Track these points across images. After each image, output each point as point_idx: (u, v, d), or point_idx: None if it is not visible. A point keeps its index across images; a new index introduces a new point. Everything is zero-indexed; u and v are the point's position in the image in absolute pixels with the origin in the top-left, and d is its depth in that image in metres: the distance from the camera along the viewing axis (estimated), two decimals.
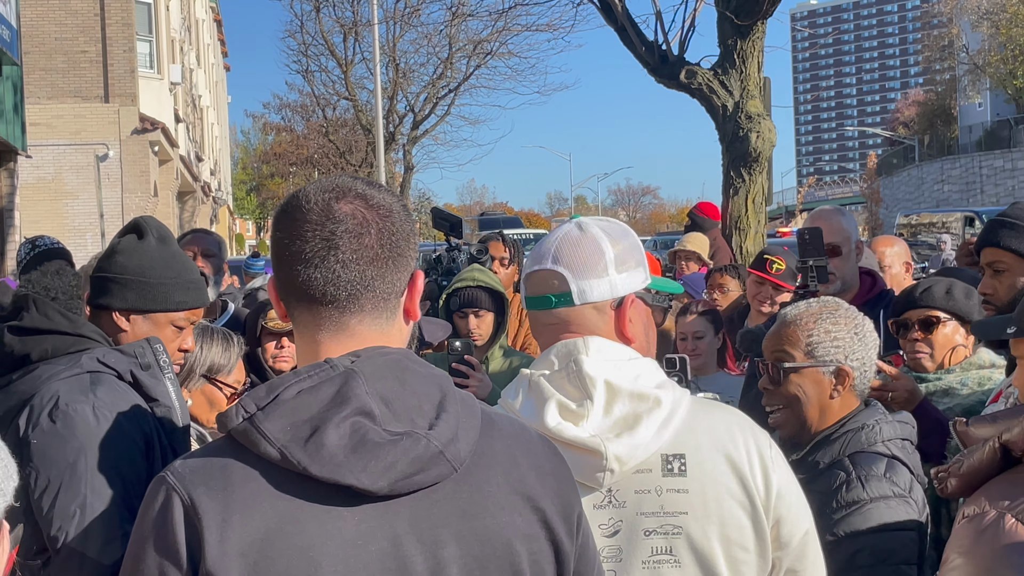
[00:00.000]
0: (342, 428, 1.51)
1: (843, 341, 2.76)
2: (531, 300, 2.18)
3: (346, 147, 40.19)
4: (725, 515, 2.04)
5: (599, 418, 2.02)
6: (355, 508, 1.52)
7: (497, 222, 31.65)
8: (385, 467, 1.51)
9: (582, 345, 2.08)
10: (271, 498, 1.50)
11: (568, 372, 2.06)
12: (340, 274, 1.62)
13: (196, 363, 3.42)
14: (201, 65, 44.87)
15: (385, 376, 1.59)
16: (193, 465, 1.54)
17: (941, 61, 71.57)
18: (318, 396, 1.55)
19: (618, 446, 1.99)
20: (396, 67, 35.73)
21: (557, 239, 2.17)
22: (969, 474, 2.17)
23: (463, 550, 1.58)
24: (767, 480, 2.07)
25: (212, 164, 48.83)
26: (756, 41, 8.25)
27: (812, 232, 3.95)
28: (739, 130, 8.20)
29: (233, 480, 1.51)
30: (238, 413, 1.55)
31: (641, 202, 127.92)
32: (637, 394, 2.04)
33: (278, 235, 1.66)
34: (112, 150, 24.91)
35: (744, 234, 8.24)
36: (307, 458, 1.50)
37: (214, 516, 1.48)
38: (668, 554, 2.03)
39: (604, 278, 2.13)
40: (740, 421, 2.14)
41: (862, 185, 71.21)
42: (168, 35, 30.37)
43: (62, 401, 2.52)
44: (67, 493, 2.44)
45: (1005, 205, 3.73)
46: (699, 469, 2.04)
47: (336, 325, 1.64)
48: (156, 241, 2.88)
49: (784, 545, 2.08)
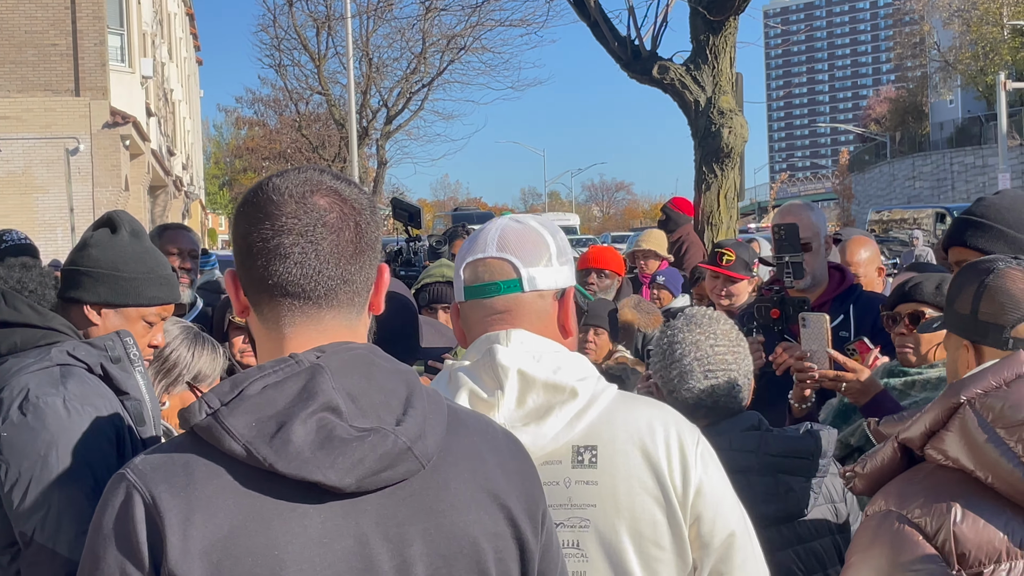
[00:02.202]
0: (308, 424, 1.49)
1: (653, 358, 2.79)
2: (474, 288, 2.12)
3: (319, 142, 40.02)
4: (637, 510, 2.01)
5: (511, 408, 2.00)
6: (321, 506, 1.50)
7: (471, 217, 31.60)
8: (352, 464, 1.49)
9: (503, 336, 2.05)
10: (235, 496, 1.47)
11: (484, 362, 2.04)
12: (320, 269, 1.60)
13: (185, 368, 3.37)
14: (173, 59, 44.60)
15: (351, 372, 1.57)
16: (154, 462, 1.51)
17: (913, 58, 71.98)
18: (284, 391, 1.52)
19: (523, 435, 1.93)
20: (369, 62, 35.61)
21: (498, 230, 2.13)
22: (873, 473, 2.17)
23: (429, 548, 1.57)
24: (686, 476, 2.03)
25: (184, 159, 48.54)
26: (728, 37, 8.28)
27: (787, 228, 3.96)
28: (711, 126, 8.23)
29: (196, 477, 1.48)
30: (201, 409, 1.51)
31: (615, 198, 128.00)
32: (552, 385, 2.01)
33: (247, 228, 1.61)
34: (83, 144, 24.73)
35: (716, 229, 8.27)
36: (273, 454, 1.47)
37: (176, 515, 1.44)
38: (575, 548, 2.01)
39: (550, 268, 2.11)
40: (665, 416, 2.10)
41: (834, 181, 71.60)
42: (140, 29, 30.17)
43: (32, 394, 2.50)
44: (38, 487, 2.43)
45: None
46: (610, 461, 2.01)
47: (307, 320, 1.62)
48: (129, 236, 2.87)
49: (704, 545, 2.04)
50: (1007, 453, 1.94)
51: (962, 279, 2.31)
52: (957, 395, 2.03)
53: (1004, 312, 2.21)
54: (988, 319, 2.22)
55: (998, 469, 1.95)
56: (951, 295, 2.32)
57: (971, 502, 1.97)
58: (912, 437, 2.09)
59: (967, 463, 1.99)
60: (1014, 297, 2.20)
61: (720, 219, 8.31)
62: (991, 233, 3.44)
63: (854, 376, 3.40)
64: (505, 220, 2.17)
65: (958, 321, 2.30)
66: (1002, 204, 3.54)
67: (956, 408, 2.03)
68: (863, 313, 4.31)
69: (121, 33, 27.94)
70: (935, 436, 2.06)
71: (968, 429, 1.99)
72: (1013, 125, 47.17)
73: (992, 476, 1.96)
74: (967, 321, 2.27)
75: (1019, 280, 2.22)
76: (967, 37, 56.38)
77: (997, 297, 2.21)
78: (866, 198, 61.49)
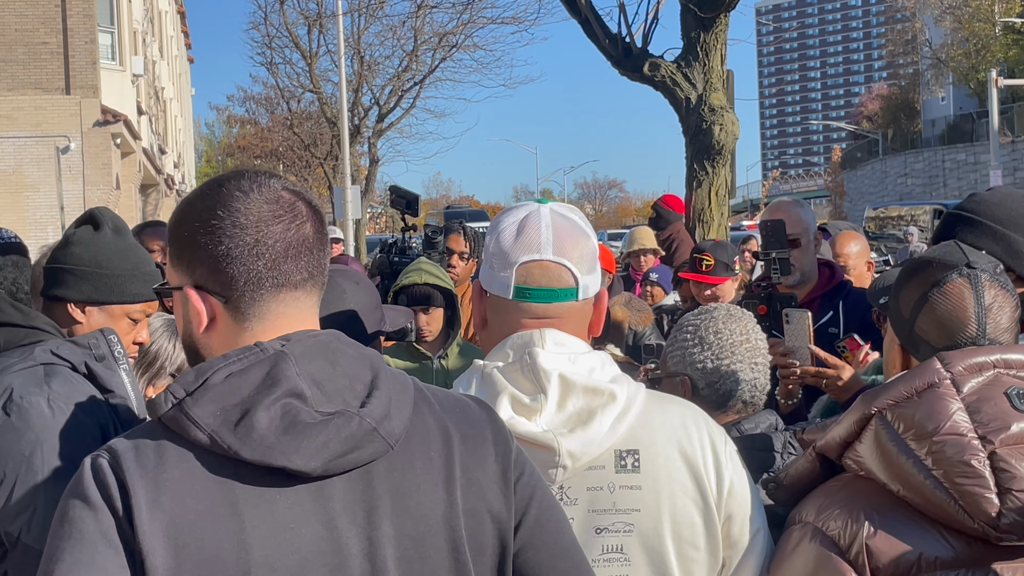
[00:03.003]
0: (272, 410, 1.50)
1: (685, 350, 2.74)
2: (529, 291, 2.06)
3: (311, 140, 39.92)
4: (678, 512, 2.00)
5: (552, 413, 1.97)
6: (287, 490, 1.51)
7: (463, 215, 31.64)
8: (318, 447, 1.50)
9: (539, 337, 2.02)
10: (203, 480, 1.49)
11: (522, 365, 2.00)
12: (308, 259, 1.65)
13: (167, 361, 3.36)
14: (164, 57, 44.53)
15: (316, 357, 1.59)
16: (125, 445, 1.52)
17: (905, 56, 72.03)
18: (247, 379, 1.53)
19: (571, 442, 1.94)
20: (361, 59, 35.53)
21: (549, 227, 2.06)
22: (793, 484, 2.15)
23: (397, 529, 1.57)
24: (720, 476, 2.04)
25: (175, 157, 48.49)
26: (719, 34, 8.27)
27: (775, 224, 3.97)
28: (702, 123, 8.23)
29: (165, 461, 1.49)
30: (167, 400, 1.53)
31: (607, 195, 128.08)
32: (592, 388, 1.99)
33: (223, 223, 1.62)
34: (73, 142, 24.69)
35: (708, 227, 8.27)
36: (237, 442, 1.48)
37: (144, 495, 1.46)
38: (619, 552, 1.99)
39: (595, 272, 2.10)
40: (695, 415, 2.11)
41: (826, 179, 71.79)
42: (130, 26, 30.12)
43: (16, 394, 2.49)
44: (23, 487, 2.41)
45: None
46: (653, 465, 2.01)
47: (284, 307, 1.64)
48: (112, 232, 2.86)
49: (734, 544, 2.05)
50: (918, 464, 1.89)
51: (912, 276, 2.19)
52: (868, 405, 1.99)
53: (938, 335, 2.10)
54: (922, 334, 2.12)
55: (909, 481, 1.90)
56: (899, 283, 2.19)
57: (885, 514, 1.93)
58: (828, 446, 2.06)
59: (880, 475, 1.96)
60: (952, 321, 2.08)
61: (711, 216, 8.31)
62: (981, 229, 3.42)
63: (835, 373, 3.40)
64: (550, 213, 2.09)
65: (897, 318, 2.23)
66: (993, 200, 3.53)
67: (868, 419, 1.99)
68: (852, 309, 4.31)
69: (112, 31, 27.90)
70: (850, 447, 2.03)
71: (880, 440, 1.95)
72: (1005, 122, 47.26)
73: (903, 488, 1.91)
74: (904, 325, 2.17)
75: (962, 299, 2.08)
76: (959, 34, 56.46)
77: (935, 315, 2.09)
78: (858, 195, 61.60)
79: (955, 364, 1.99)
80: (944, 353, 2.02)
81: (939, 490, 1.88)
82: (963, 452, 1.87)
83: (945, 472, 1.87)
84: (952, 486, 1.87)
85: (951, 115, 59.91)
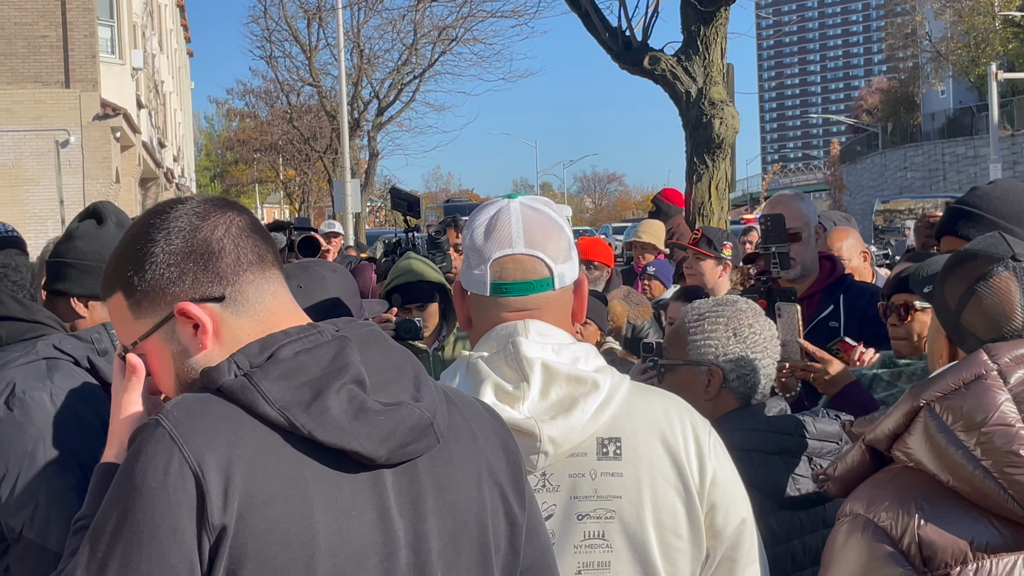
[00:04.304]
0: (341, 395, 1.50)
1: (718, 340, 2.76)
2: (505, 286, 2.08)
3: (310, 133, 39.95)
4: (659, 500, 2.02)
5: (535, 401, 1.99)
6: (351, 476, 1.51)
7: (463, 209, 31.57)
8: (386, 435, 1.51)
9: (522, 327, 2.03)
10: (276, 459, 1.45)
11: (506, 354, 2.02)
12: (262, 236, 1.67)
13: None
14: (164, 51, 44.48)
15: (370, 346, 1.60)
16: (190, 412, 1.46)
17: (904, 49, 72.06)
18: (317, 359, 1.52)
19: (552, 428, 1.96)
20: (360, 53, 35.53)
21: (519, 221, 2.09)
22: (844, 476, 2.15)
23: (439, 524, 1.59)
24: (702, 466, 2.06)
25: (175, 151, 48.44)
26: (719, 27, 8.28)
27: (774, 218, 3.96)
28: (702, 116, 8.23)
29: (238, 436, 1.45)
30: (230, 369, 1.50)
31: (607, 189, 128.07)
32: (575, 377, 2.00)
33: (176, 224, 1.61)
34: (73, 136, 24.66)
35: (708, 220, 8.28)
36: (311, 422, 1.47)
37: (217, 474, 1.41)
38: (601, 539, 2.01)
39: (571, 260, 2.11)
40: (679, 406, 2.13)
41: (826, 172, 71.80)
42: (130, 20, 30.09)
43: (18, 388, 2.49)
44: (25, 482, 2.41)
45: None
46: (634, 453, 2.03)
47: (274, 286, 1.65)
48: (115, 227, 2.85)
49: (718, 534, 2.07)
50: (967, 455, 1.91)
51: (957, 268, 2.21)
52: (917, 398, 2.00)
53: (984, 327, 2.12)
54: (968, 327, 2.15)
55: (959, 472, 1.93)
56: (944, 275, 2.25)
57: (935, 504, 1.95)
58: (878, 439, 2.08)
59: (929, 466, 1.98)
60: (999, 313, 2.11)
61: (711, 210, 8.32)
62: (982, 223, 3.43)
63: (822, 367, 3.42)
64: (519, 207, 2.11)
65: (943, 310, 2.26)
66: (994, 194, 3.53)
67: (917, 411, 2.01)
68: (853, 302, 4.31)
69: (111, 24, 27.88)
70: (899, 439, 2.05)
71: (929, 432, 1.97)
72: (1004, 115, 47.25)
73: (953, 478, 1.94)
74: (950, 317, 2.22)
75: (1009, 292, 2.11)
76: (959, 28, 56.43)
77: (983, 308, 2.12)
78: (858, 189, 61.58)
79: (1002, 355, 2.00)
80: (991, 345, 2.04)
81: (988, 480, 1.90)
82: (1012, 442, 1.89)
83: (994, 462, 1.89)
84: (1001, 475, 1.89)
85: (951, 109, 59.86)
